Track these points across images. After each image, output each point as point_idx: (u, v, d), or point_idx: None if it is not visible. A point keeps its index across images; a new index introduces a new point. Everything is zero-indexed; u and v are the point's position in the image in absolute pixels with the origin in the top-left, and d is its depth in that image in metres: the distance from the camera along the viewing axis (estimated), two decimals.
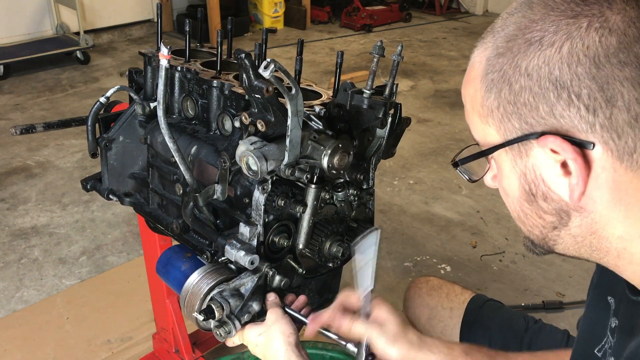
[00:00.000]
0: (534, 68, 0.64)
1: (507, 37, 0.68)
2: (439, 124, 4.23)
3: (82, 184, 1.50)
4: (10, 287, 2.52)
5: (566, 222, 0.70)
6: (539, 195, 0.70)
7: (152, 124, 1.37)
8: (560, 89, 0.62)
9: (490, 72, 0.69)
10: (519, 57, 0.65)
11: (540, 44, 0.64)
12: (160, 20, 1.41)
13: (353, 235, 1.20)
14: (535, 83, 0.64)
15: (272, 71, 0.90)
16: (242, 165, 1.03)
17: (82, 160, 3.59)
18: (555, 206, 0.70)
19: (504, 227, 2.96)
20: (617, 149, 0.62)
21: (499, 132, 0.70)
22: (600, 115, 0.61)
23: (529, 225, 0.76)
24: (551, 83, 0.63)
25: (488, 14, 7.36)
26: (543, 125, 0.65)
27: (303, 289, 1.29)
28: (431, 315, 1.45)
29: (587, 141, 0.63)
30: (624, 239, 0.68)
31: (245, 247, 1.09)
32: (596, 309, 0.94)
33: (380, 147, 1.20)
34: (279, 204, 1.10)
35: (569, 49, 0.62)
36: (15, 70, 4.97)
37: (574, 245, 0.73)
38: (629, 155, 0.62)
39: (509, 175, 0.73)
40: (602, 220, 0.68)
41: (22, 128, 1.45)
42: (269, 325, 1.04)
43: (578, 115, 0.62)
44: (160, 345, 2.01)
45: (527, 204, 0.73)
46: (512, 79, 0.66)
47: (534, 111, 0.65)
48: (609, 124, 0.61)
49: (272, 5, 6.43)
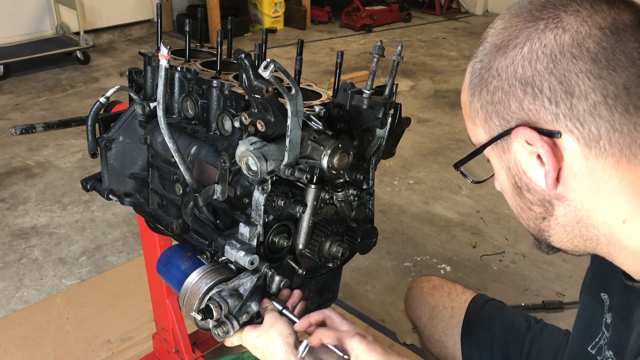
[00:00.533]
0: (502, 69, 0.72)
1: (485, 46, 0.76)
2: (439, 124, 4.23)
3: (82, 184, 1.50)
4: (10, 287, 2.52)
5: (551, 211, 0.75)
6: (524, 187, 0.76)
7: (152, 124, 1.37)
8: (525, 85, 0.70)
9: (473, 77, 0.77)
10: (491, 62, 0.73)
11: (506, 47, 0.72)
12: (160, 20, 1.41)
13: (353, 235, 1.20)
14: (505, 82, 0.71)
15: (272, 71, 0.90)
16: (242, 166, 1.03)
17: (82, 160, 3.59)
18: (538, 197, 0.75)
19: (504, 227, 2.96)
20: (583, 136, 0.68)
21: (485, 132, 0.77)
22: (561, 106, 0.68)
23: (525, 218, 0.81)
24: (517, 80, 0.70)
25: (488, 14, 7.36)
26: (516, 119, 0.72)
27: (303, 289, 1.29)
28: (432, 314, 1.45)
29: (553, 130, 0.69)
30: (608, 224, 0.72)
31: (245, 247, 1.09)
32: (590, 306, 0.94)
33: (380, 147, 1.20)
34: (279, 204, 1.10)
35: (529, 48, 0.69)
36: (15, 70, 4.97)
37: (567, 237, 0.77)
38: (596, 142, 0.68)
39: (499, 171, 0.80)
40: (585, 208, 0.72)
41: (22, 128, 1.45)
42: (267, 328, 1.05)
43: (543, 107, 0.69)
44: (160, 345, 2.01)
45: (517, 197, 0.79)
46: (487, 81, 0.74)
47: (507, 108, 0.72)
48: (570, 114, 0.68)
49: (272, 5, 6.43)
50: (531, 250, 2.77)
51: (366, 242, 1.21)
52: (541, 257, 2.73)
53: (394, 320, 2.33)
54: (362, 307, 2.40)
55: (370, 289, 2.52)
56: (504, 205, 3.27)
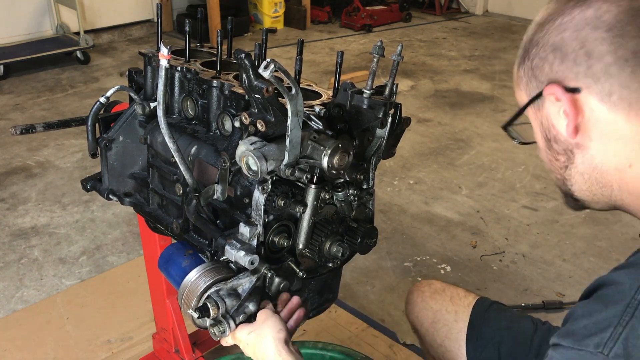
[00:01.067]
0: (539, 39, 0.87)
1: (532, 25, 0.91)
2: (439, 124, 4.23)
3: (82, 184, 1.50)
4: (10, 287, 2.52)
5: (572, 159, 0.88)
6: (552, 138, 0.89)
7: (152, 124, 1.37)
8: (555, 50, 0.84)
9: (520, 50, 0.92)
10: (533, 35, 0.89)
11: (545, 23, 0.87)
12: (160, 20, 1.41)
13: (353, 235, 1.20)
14: (541, 49, 0.86)
15: (272, 71, 0.90)
16: (242, 166, 1.03)
17: (82, 160, 3.59)
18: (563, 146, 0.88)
19: (504, 227, 2.96)
20: (598, 92, 0.81)
21: (527, 94, 0.91)
22: (582, 65, 0.81)
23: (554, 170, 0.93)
24: (550, 47, 0.85)
25: (488, 14, 7.36)
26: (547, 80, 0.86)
27: (303, 289, 1.29)
28: (435, 319, 1.44)
29: (575, 87, 0.82)
30: (618, 169, 0.84)
31: (245, 247, 1.09)
32: None
33: (380, 147, 1.20)
34: (279, 204, 1.10)
35: (560, 21, 0.84)
36: (15, 70, 4.97)
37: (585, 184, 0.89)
38: (608, 97, 0.80)
39: (535, 129, 0.93)
40: (599, 155, 0.84)
41: (22, 128, 1.45)
42: (258, 324, 1.06)
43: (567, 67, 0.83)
44: (160, 345, 2.01)
45: (548, 150, 0.92)
46: (529, 51, 0.89)
47: (542, 71, 0.87)
48: (588, 71, 0.81)
49: (272, 5, 6.43)
50: (531, 250, 2.77)
51: (366, 242, 1.21)
52: (541, 257, 2.73)
53: (394, 320, 2.33)
54: (362, 307, 2.40)
55: (370, 289, 2.52)
56: (504, 205, 3.28)
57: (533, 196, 3.24)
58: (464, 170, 3.56)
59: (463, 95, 4.74)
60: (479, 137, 4.01)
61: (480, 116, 4.33)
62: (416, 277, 2.59)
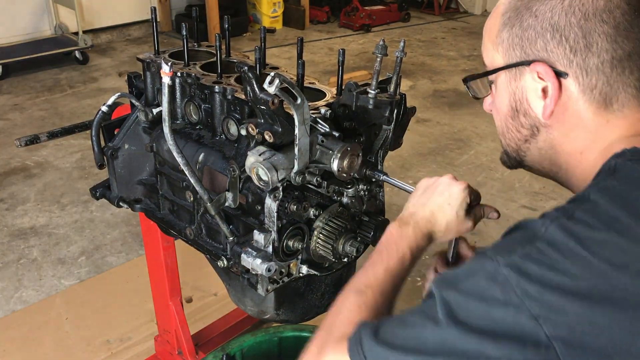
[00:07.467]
0: (540, 12, 0.84)
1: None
2: (438, 123, 4.23)
3: (91, 193, 1.50)
4: (9, 287, 2.51)
5: (536, 135, 0.90)
6: (521, 111, 0.90)
7: (157, 131, 1.35)
8: (555, 31, 0.83)
9: (509, 10, 0.89)
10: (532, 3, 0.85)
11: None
12: (155, 24, 1.40)
13: (366, 230, 1.20)
14: (539, 24, 0.84)
15: (277, 86, 0.90)
16: (253, 176, 1.03)
17: (81, 161, 3.59)
18: (530, 122, 0.89)
19: (504, 227, 2.94)
20: (583, 83, 0.82)
21: (504, 58, 0.89)
22: (578, 56, 0.82)
23: (508, 138, 0.95)
24: (550, 25, 0.83)
25: (487, 14, 7.34)
26: (536, 55, 0.85)
27: (319, 285, 1.30)
28: None
29: (564, 72, 0.83)
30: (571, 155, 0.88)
31: (261, 254, 1.10)
32: None
33: (387, 140, 1.21)
34: (291, 209, 1.10)
35: (569, 3, 0.82)
36: (13, 70, 4.96)
37: (539, 158, 0.92)
38: (590, 91, 0.83)
39: (502, 94, 0.92)
40: (561, 138, 0.88)
41: (27, 139, 1.45)
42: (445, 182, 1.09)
43: (563, 52, 0.83)
44: (162, 347, 2.00)
45: (510, 119, 0.92)
46: (523, 18, 0.86)
47: (533, 45, 0.85)
48: (582, 64, 0.82)
49: (271, 5, 6.42)
50: None
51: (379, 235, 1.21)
52: None
53: None
54: None
55: None
56: (503, 205, 3.27)
57: (532, 196, 3.24)
58: (463, 170, 3.56)
59: (462, 95, 4.74)
60: (477, 137, 4.01)
61: (479, 116, 4.33)
62: (416, 277, 2.59)
